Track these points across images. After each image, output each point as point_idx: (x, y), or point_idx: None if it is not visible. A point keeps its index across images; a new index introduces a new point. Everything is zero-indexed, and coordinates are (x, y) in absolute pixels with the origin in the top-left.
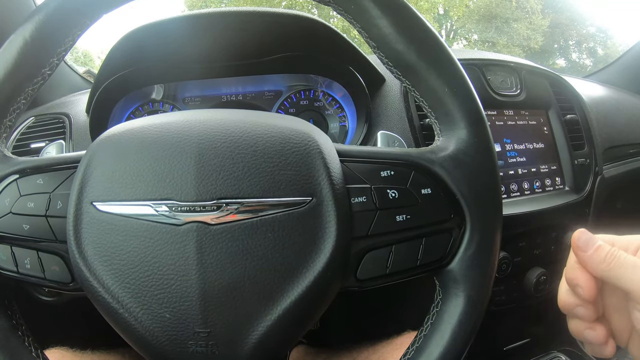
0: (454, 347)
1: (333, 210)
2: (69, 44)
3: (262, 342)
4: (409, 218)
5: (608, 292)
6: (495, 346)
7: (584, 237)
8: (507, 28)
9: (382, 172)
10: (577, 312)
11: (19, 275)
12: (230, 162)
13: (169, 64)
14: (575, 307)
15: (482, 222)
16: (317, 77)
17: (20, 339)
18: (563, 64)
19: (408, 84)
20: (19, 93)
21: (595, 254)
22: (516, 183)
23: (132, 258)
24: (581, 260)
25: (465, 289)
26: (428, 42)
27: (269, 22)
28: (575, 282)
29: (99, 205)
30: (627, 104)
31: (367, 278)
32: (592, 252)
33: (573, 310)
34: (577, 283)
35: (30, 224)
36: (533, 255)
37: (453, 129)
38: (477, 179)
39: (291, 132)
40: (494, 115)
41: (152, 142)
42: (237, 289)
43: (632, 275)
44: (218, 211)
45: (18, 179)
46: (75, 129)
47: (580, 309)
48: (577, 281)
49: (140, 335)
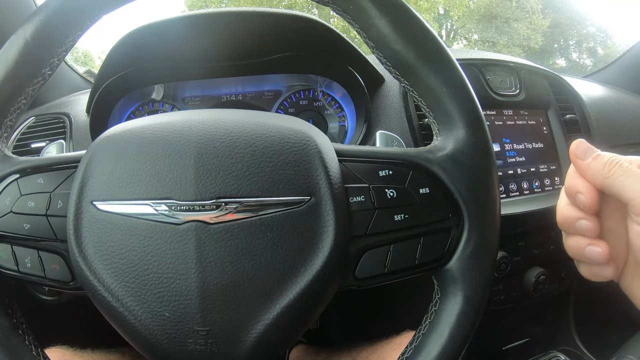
0: (452, 346)
1: (331, 210)
2: (69, 44)
3: (261, 340)
4: (407, 217)
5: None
6: (495, 346)
7: (583, 146)
8: (508, 28)
9: (381, 171)
10: (579, 225)
11: (20, 274)
12: (229, 161)
13: (169, 64)
14: (576, 220)
15: (480, 221)
16: (316, 77)
17: (20, 338)
18: (563, 63)
19: (407, 84)
20: (19, 93)
21: (595, 162)
22: (515, 183)
23: (132, 257)
24: (580, 169)
25: (463, 288)
26: (427, 42)
27: (268, 22)
28: (576, 190)
29: (99, 205)
30: (627, 104)
31: (366, 277)
32: (591, 160)
33: (574, 224)
34: (578, 190)
35: (31, 223)
36: (532, 255)
37: (451, 128)
38: (475, 178)
39: (290, 132)
40: (493, 115)
41: (151, 142)
42: (236, 287)
43: (633, 184)
44: (217, 210)
45: (19, 179)
46: (75, 129)
47: (582, 222)
48: (577, 188)
49: (140, 334)
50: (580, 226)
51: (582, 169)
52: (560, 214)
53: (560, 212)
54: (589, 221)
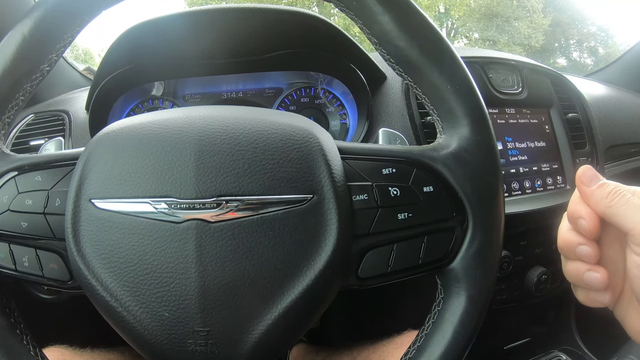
0: (455, 347)
1: (334, 208)
2: (67, 40)
3: (262, 341)
4: (410, 216)
5: (605, 241)
6: (496, 345)
7: (589, 173)
8: (508, 27)
9: (384, 169)
10: (580, 250)
11: (17, 273)
12: (230, 159)
13: (169, 61)
14: (577, 245)
15: (485, 220)
16: (317, 75)
17: (18, 338)
18: (564, 63)
19: (410, 81)
20: (17, 90)
21: (599, 190)
22: (517, 181)
23: (131, 256)
24: (584, 195)
25: (467, 287)
26: (430, 39)
27: (269, 19)
28: (579, 215)
29: (97, 203)
30: (628, 103)
31: (369, 277)
32: (596, 188)
33: (575, 249)
34: (580, 215)
35: (29, 222)
36: (534, 254)
37: (455, 126)
38: (480, 176)
39: (292, 129)
40: (496, 113)
41: (151, 139)
42: (236, 287)
43: (634, 214)
44: (218, 209)
45: (16, 176)
46: (74, 126)
47: (583, 247)
48: (580, 214)
49: (139, 334)
50: (580, 251)
51: (586, 195)
52: (562, 239)
53: (561, 236)
54: (589, 247)
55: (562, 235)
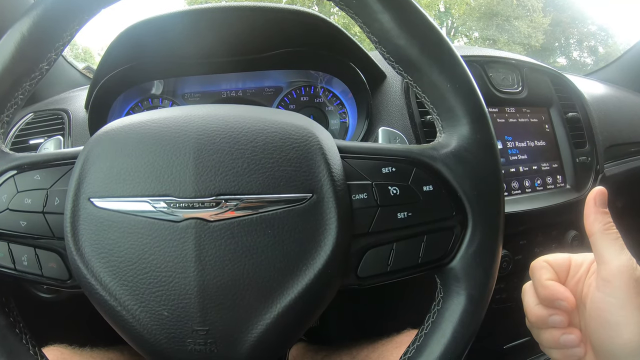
0: (455, 346)
1: (333, 207)
2: (67, 39)
3: (261, 340)
4: (410, 215)
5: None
6: (495, 344)
7: (603, 197)
8: (508, 26)
9: (384, 168)
10: (552, 320)
11: (17, 272)
12: (229, 157)
13: (169, 59)
14: (548, 317)
15: (485, 219)
16: (317, 74)
17: (18, 337)
18: (564, 62)
19: (410, 79)
20: (16, 88)
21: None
22: (517, 181)
23: (130, 255)
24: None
25: (467, 287)
26: (430, 37)
27: (269, 18)
28: (556, 297)
29: (96, 202)
30: (628, 102)
31: (368, 276)
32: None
33: (547, 320)
34: (559, 298)
35: (28, 221)
36: (534, 254)
37: (455, 125)
38: (480, 176)
39: (291, 128)
40: (496, 112)
41: (150, 138)
42: (236, 286)
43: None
44: (217, 207)
45: (15, 175)
46: (74, 125)
47: (555, 317)
48: (558, 296)
49: (138, 333)
50: (553, 321)
51: (590, 211)
52: (533, 315)
53: (532, 312)
54: (560, 314)
55: (532, 312)
